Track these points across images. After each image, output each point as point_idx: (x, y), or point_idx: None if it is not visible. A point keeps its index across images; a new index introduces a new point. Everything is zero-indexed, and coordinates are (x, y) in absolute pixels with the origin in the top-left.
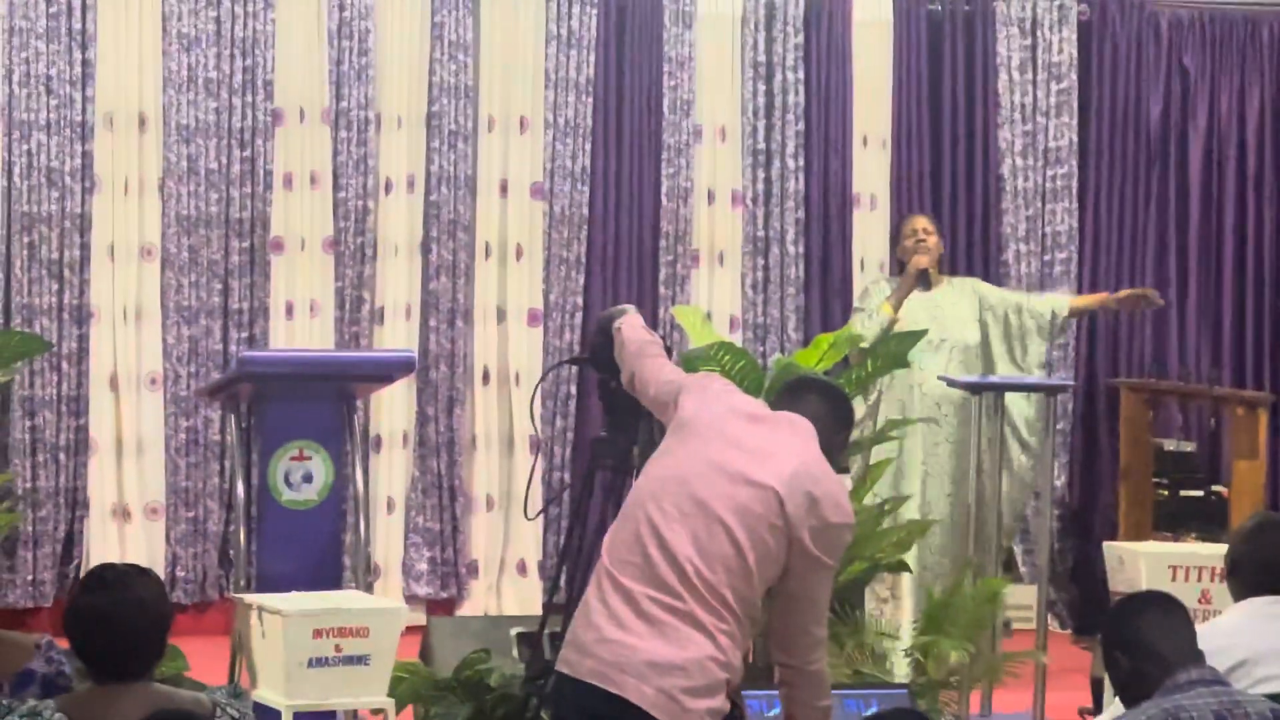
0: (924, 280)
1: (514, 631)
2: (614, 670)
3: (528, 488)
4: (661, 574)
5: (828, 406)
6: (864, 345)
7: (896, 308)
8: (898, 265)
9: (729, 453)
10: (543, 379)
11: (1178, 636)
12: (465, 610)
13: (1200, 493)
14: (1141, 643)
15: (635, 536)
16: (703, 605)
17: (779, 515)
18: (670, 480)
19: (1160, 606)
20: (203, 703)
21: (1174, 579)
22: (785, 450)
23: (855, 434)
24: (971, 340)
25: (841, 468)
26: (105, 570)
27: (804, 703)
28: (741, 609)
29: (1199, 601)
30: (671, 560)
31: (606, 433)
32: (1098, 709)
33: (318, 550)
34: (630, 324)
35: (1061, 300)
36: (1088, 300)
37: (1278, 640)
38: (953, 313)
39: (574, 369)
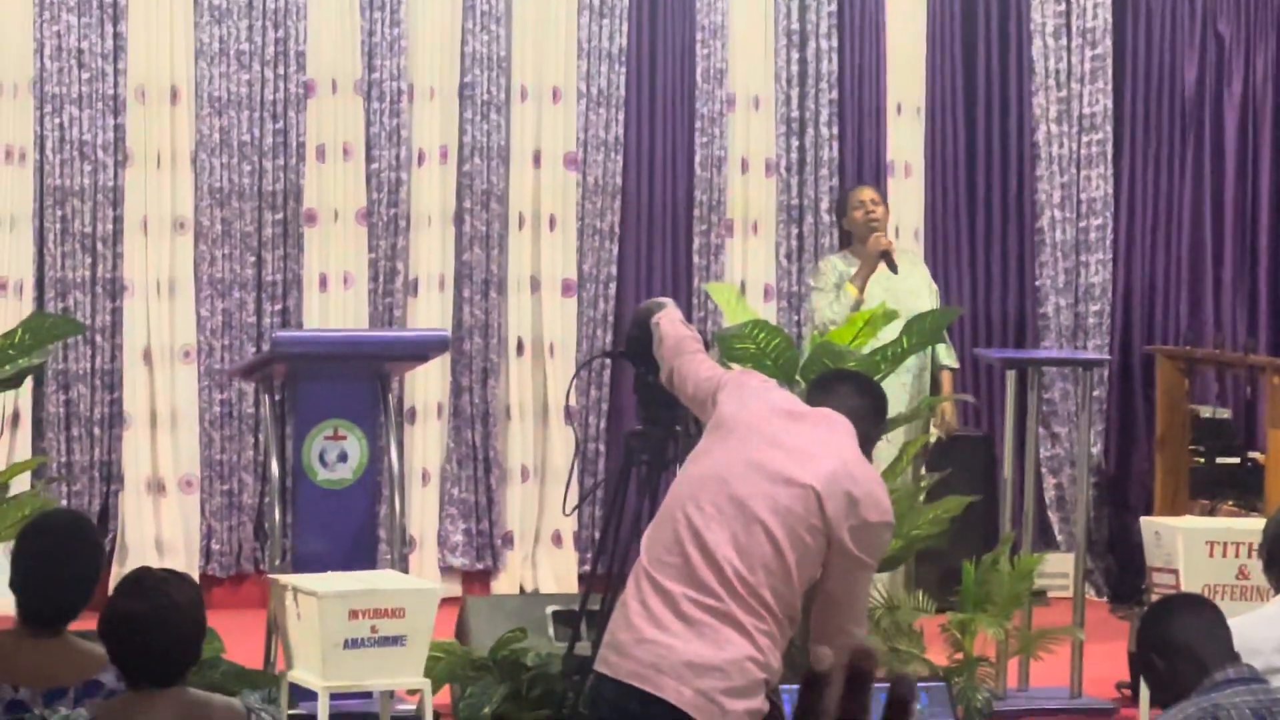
0: (888, 261)
1: (550, 610)
2: (652, 671)
3: (566, 486)
4: (700, 574)
5: (862, 400)
6: (834, 327)
7: (861, 288)
8: (845, 237)
9: (768, 452)
10: (577, 375)
11: (1213, 637)
12: (500, 581)
13: (1236, 460)
14: (1176, 644)
15: (674, 537)
16: (742, 606)
17: (818, 515)
18: (709, 480)
19: (1194, 608)
20: (235, 709)
21: (1211, 555)
22: (825, 449)
23: None
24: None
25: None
26: (142, 574)
27: None
28: (781, 609)
29: (1237, 577)
30: (710, 560)
31: (642, 426)
32: (1135, 684)
33: (353, 529)
34: (669, 318)
35: (944, 367)
36: (945, 394)
37: None
38: (905, 285)
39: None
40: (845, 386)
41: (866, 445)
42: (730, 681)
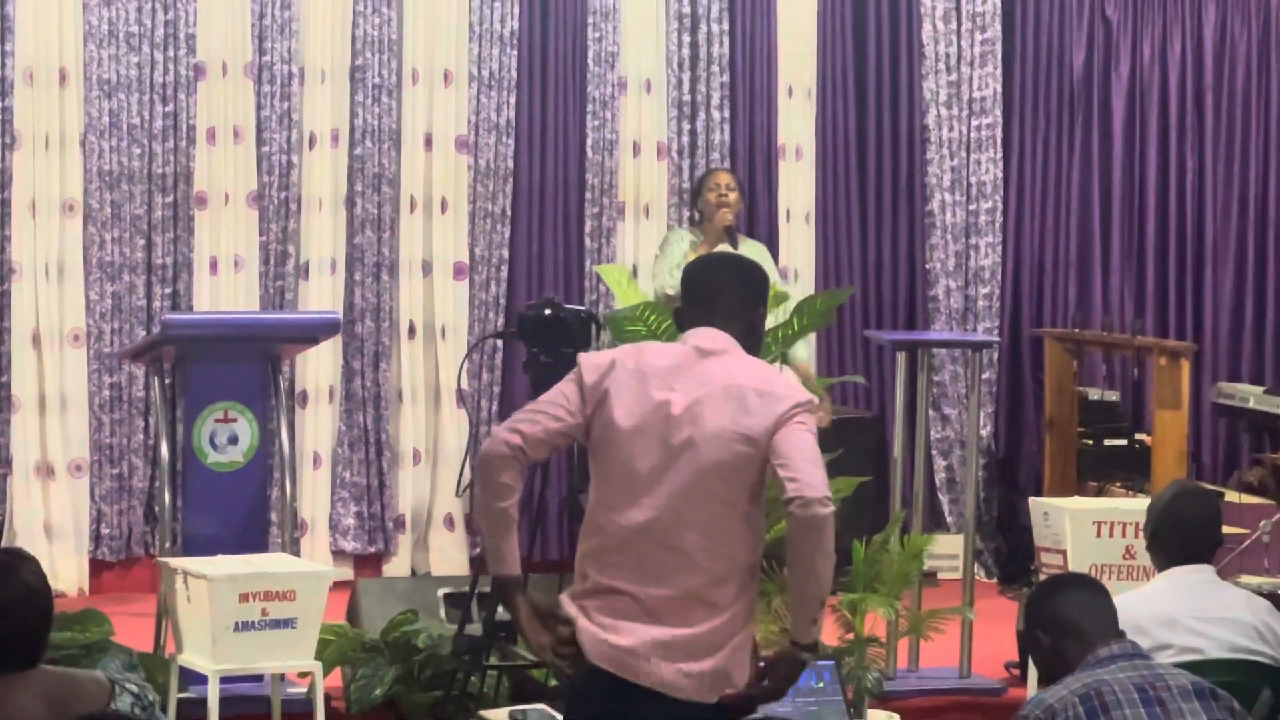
0: (730, 237)
1: (441, 592)
2: (628, 656)
3: (461, 469)
4: (657, 564)
5: (745, 289)
6: (669, 293)
7: None
8: (697, 216)
9: (673, 426)
10: (468, 355)
11: (1097, 614)
12: (392, 565)
13: (1124, 442)
14: (1061, 620)
15: (619, 541)
16: (707, 578)
17: (753, 450)
18: (629, 477)
19: (1079, 586)
20: (100, 682)
21: (1098, 535)
22: (722, 385)
23: None
24: None
25: None
26: None
27: (827, 551)
28: (746, 556)
29: (1123, 557)
30: (666, 549)
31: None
32: (1024, 664)
33: (244, 512)
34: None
35: (796, 361)
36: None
37: (1200, 609)
38: None
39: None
40: (722, 278)
41: (756, 330)
42: (708, 654)
